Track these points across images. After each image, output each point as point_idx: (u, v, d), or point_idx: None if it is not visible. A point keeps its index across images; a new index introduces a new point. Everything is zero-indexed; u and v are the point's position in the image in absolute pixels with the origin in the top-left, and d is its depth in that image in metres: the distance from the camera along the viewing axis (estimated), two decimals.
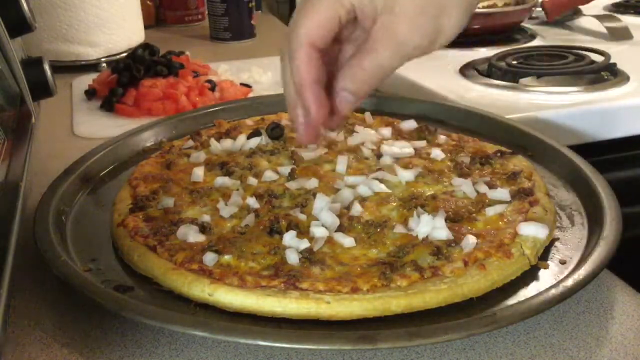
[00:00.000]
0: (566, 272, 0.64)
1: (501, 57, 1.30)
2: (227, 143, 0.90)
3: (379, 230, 0.69)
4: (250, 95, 1.20)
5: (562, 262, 0.66)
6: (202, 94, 1.15)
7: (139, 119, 1.08)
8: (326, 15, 0.59)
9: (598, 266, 0.61)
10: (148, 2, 1.71)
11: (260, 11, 1.85)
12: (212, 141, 0.90)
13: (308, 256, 0.64)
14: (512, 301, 0.60)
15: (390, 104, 1.04)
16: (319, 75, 0.60)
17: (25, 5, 0.79)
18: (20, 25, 0.79)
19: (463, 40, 0.84)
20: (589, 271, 0.61)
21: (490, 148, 0.87)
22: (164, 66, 1.18)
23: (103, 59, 1.39)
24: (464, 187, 0.76)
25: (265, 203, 0.75)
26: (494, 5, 1.55)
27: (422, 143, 0.89)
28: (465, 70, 1.27)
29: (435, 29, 0.59)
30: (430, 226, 0.67)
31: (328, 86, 0.62)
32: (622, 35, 1.46)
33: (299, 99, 0.62)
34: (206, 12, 1.66)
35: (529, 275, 0.64)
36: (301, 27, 0.59)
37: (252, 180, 0.79)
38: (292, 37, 0.60)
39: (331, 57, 0.64)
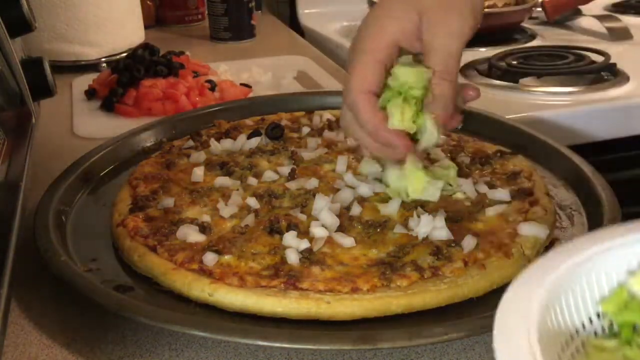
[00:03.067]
0: None
1: (501, 57, 1.30)
2: (227, 143, 0.90)
3: (379, 230, 0.69)
4: (250, 95, 1.20)
5: None
6: (202, 94, 1.15)
7: (139, 119, 1.08)
8: (372, 69, 0.65)
9: None
10: (148, 2, 1.71)
11: (260, 11, 1.84)
12: (212, 141, 0.90)
13: (308, 256, 0.64)
14: None
15: None
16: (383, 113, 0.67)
17: (25, 5, 0.79)
18: (20, 25, 0.79)
19: None
20: None
21: (490, 148, 0.87)
22: (164, 66, 1.18)
23: (103, 59, 1.39)
24: (464, 187, 0.76)
25: (265, 203, 0.75)
26: (494, 5, 1.55)
27: None
28: (465, 70, 1.27)
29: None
30: (430, 226, 0.67)
31: None
32: (622, 35, 1.46)
33: (378, 141, 0.67)
34: (206, 12, 1.66)
35: None
36: (352, 82, 0.66)
37: (252, 180, 0.79)
38: (345, 93, 0.67)
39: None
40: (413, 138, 0.69)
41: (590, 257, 0.43)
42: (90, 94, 1.20)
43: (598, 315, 0.43)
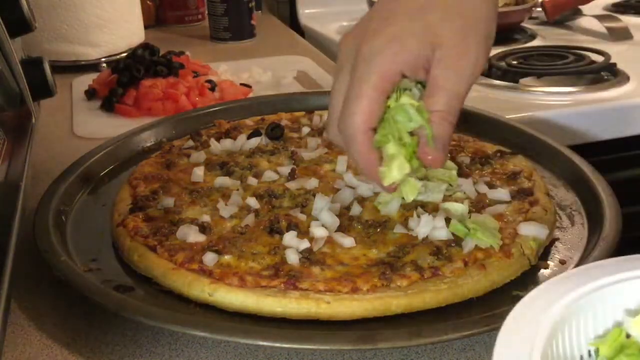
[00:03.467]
0: None
1: (501, 57, 1.30)
2: (227, 143, 0.90)
3: (379, 230, 0.69)
4: (250, 95, 1.20)
5: (562, 262, 0.66)
6: (202, 94, 1.15)
7: (139, 119, 1.08)
8: (379, 105, 0.59)
9: None
10: (148, 2, 1.71)
11: (260, 11, 1.84)
12: (212, 141, 0.90)
13: (308, 256, 0.64)
14: (511, 301, 0.60)
15: None
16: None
17: (25, 5, 0.79)
18: (20, 25, 0.79)
19: None
20: None
21: (490, 148, 0.87)
22: (164, 66, 1.18)
23: (103, 59, 1.39)
24: (464, 187, 0.76)
25: (265, 203, 0.75)
26: None
27: None
28: None
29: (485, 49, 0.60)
30: (430, 226, 0.67)
31: None
32: (622, 35, 1.46)
33: (370, 176, 0.63)
34: (206, 12, 1.66)
35: (529, 275, 0.64)
36: (356, 118, 0.59)
37: (252, 180, 0.79)
38: (343, 121, 0.60)
39: None
40: None
41: (592, 290, 0.43)
42: (90, 94, 1.20)
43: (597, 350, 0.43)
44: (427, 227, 0.67)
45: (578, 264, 0.64)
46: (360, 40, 0.60)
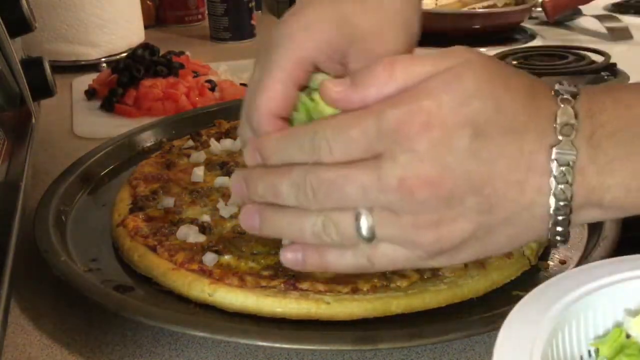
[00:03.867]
0: None
1: (501, 57, 1.30)
2: (227, 143, 0.90)
3: None
4: None
5: (562, 262, 0.66)
6: (202, 94, 1.15)
7: (139, 119, 1.08)
8: (284, 89, 0.52)
9: None
10: (148, 2, 1.71)
11: (260, 11, 1.84)
12: (212, 141, 0.90)
13: None
14: (511, 301, 0.60)
15: None
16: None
17: (25, 5, 0.79)
18: (20, 25, 0.79)
19: (463, 40, 0.84)
20: None
21: None
22: (164, 66, 1.18)
23: (103, 59, 1.39)
24: None
25: None
26: (494, 6, 1.55)
27: None
28: None
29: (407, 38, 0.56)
30: None
31: None
32: (622, 35, 1.46)
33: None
34: (206, 12, 1.66)
35: (529, 275, 0.64)
36: (258, 99, 0.52)
37: None
38: (250, 117, 0.53)
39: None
40: None
41: (592, 290, 0.43)
42: (90, 94, 1.20)
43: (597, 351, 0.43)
44: None
45: (578, 264, 0.64)
46: (274, 27, 0.55)
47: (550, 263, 0.66)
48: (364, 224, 0.45)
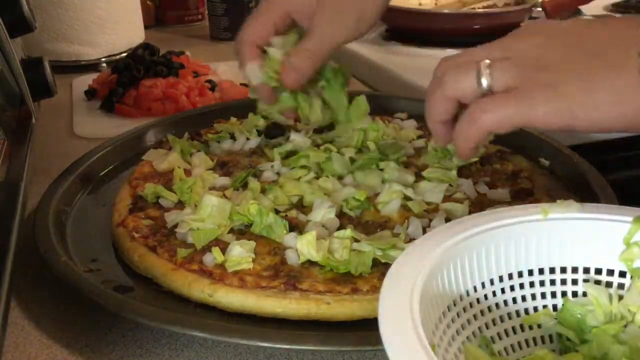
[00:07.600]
0: None
1: None
2: (227, 143, 0.90)
3: (379, 230, 0.69)
4: None
5: None
6: (202, 94, 1.15)
7: (139, 119, 1.08)
8: (264, 24, 0.77)
9: None
10: (148, 2, 1.71)
11: None
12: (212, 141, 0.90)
13: None
14: None
15: (388, 103, 1.04)
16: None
17: (25, 5, 0.79)
18: (20, 25, 0.79)
19: (463, 40, 0.84)
20: None
21: (491, 148, 0.87)
22: (164, 66, 1.18)
23: (103, 59, 1.39)
24: (464, 187, 0.76)
25: None
26: (494, 6, 1.55)
27: (421, 143, 0.89)
28: None
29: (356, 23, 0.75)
30: (419, 230, 0.68)
31: None
32: None
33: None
34: (206, 12, 1.66)
35: None
36: (241, 32, 0.78)
37: (252, 180, 0.79)
38: (237, 39, 0.78)
39: None
40: None
41: (475, 234, 0.50)
42: (90, 94, 1.20)
43: (483, 285, 0.50)
44: (417, 230, 0.68)
45: None
46: None
47: None
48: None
